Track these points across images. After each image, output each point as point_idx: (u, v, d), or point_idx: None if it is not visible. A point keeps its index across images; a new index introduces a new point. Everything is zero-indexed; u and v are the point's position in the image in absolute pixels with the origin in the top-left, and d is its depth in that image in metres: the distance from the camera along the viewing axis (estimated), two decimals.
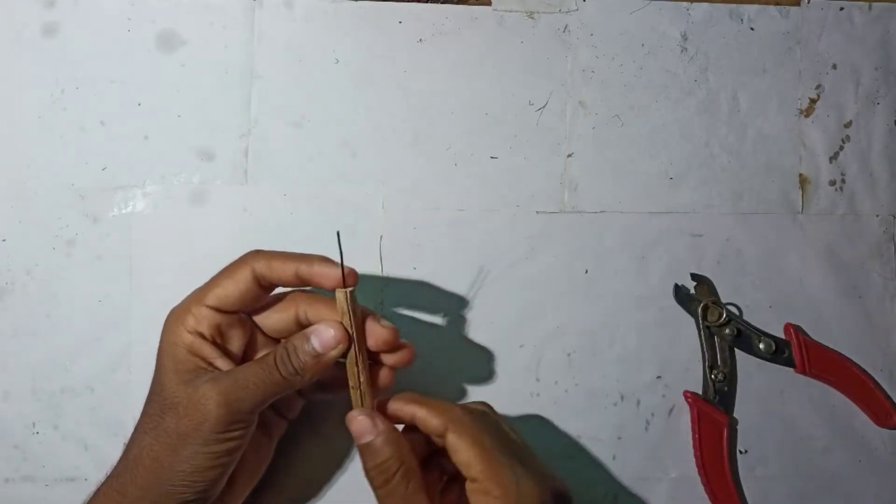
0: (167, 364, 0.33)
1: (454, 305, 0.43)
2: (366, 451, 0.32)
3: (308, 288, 0.36)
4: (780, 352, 0.43)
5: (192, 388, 0.32)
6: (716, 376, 0.43)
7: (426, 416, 0.33)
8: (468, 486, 0.32)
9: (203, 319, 0.33)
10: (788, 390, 0.44)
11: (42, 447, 0.41)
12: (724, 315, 0.43)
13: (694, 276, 0.44)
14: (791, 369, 0.43)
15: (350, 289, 0.34)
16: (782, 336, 0.44)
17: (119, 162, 0.43)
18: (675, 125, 0.45)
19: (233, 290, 0.34)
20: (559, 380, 0.43)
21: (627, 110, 0.45)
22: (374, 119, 0.44)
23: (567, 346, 0.44)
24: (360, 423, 0.33)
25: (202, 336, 0.33)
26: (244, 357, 0.35)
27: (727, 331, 0.43)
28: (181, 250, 0.42)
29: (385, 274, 0.43)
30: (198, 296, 0.34)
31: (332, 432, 0.42)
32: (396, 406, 0.34)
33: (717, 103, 0.45)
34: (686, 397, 0.43)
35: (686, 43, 0.46)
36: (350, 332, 0.34)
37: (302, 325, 0.35)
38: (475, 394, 0.43)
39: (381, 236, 0.43)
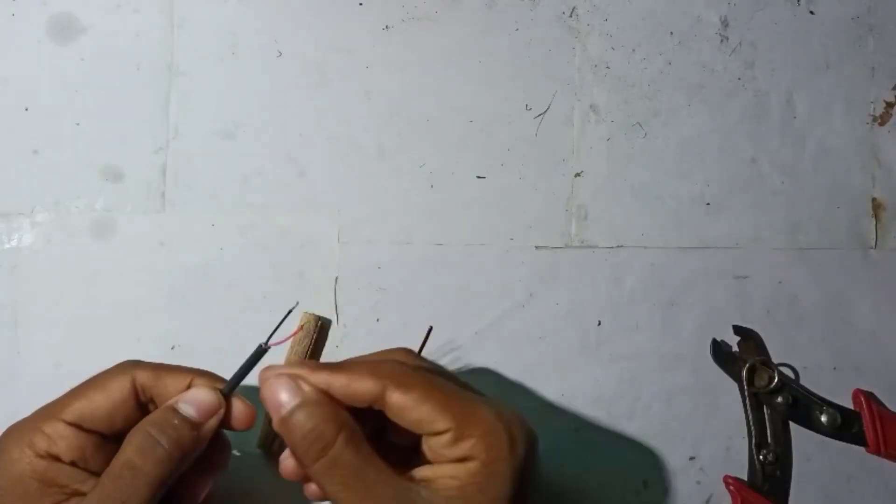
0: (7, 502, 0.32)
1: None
2: (290, 420, 0.31)
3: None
4: (847, 426, 0.42)
5: None
6: (765, 457, 0.42)
7: (349, 382, 0.31)
8: (432, 442, 0.31)
9: (61, 439, 0.32)
10: (858, 475, 0.43)
11: None
12: (776, 379, 0.42)
13: (737, 330, 0.43)
14: (862, 448, 0.42)
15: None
16: (850, 406, 0.43)
17: (0, 183, 0.42)
18: (714, 136, 0.45)
19: (102, 404, 0.33)
20: (564, 461, 0.42)
21: (652, 117, 0.45)
22: (327, 128, 0.43)
23: (574, 419, 0.43)
24: (278, 386, 0.32)
25: (58, 459, 0.32)
26: None
27: (780, 399, 0.42)
28: (80, 296, 0.42)
29: (341, 326, 0.42)
30: (51, 410, 0.33)
31: None
32: (305, 377, 0.32)
33: (766, 108, 0.45)
34: (727, 484, 0.42)
35: (727, 31, 0.45)
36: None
37: (143, 404, 0.35)
38: None
39: (337, 278, 0.42)
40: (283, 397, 0.31)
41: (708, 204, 0.44)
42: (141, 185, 0.42)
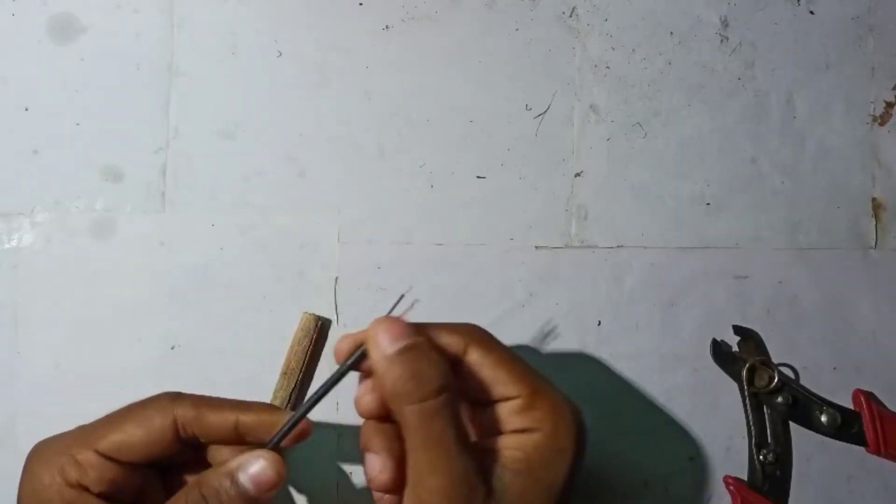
0: None
1: None
2: (405, 355, 0.31)
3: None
4: (847, 426, 0.42)
5: None
6: (765, 457, 0.42)
7: (436, 336, 0.33)
8: (499, 409, 0.33)
9: (92, 470, 0.31)
10: (858, 475, 0.43)
11: None
12: (776, 379, 0.42)
13: (737, 330, 0.43)
14: (862, 448, 0.42)
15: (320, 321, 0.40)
16: (850, 406, 0.43)
17: (0, 183, 0.42)
18: (714, 136, 0.45)
19: (140, 438, 0.32)
20: None
21: (652, 117, 0.45)
22: (327, 128, 0.43)
23: None
24: (394, 325, 0.31)
25: (86, 490, 0.31)
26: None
27: (780, 399, 0.42)
28: (80, 296, 0.42)
29: (341, 326, 0.42)
30: (85, 436, 0.32)
31: None
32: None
33: (766, 108, 0.45)
34: (727, 484, 0.42)
35: (727, 30, 0.45)
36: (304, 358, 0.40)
37: (184, 439, 0.33)
38: None
39: (337, 278, 0.42)
40: (401, 333, 0.31)
41: (708, 204, 0.44)
42: (141, 185, 0.42)
